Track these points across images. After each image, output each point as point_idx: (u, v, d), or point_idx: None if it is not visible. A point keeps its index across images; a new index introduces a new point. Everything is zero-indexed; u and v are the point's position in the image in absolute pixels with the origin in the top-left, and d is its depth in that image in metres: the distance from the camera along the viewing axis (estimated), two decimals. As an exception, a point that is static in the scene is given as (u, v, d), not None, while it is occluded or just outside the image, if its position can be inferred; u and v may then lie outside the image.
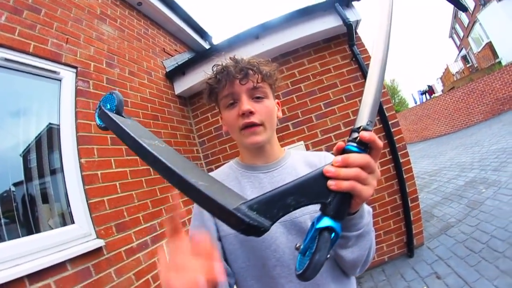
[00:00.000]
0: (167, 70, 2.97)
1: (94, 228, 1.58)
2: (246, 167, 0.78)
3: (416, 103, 20.17)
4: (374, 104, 0.44)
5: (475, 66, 16.09)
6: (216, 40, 4.55)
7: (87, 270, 1.44)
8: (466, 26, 17.24)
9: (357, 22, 2.72)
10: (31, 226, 1.43)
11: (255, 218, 0.39)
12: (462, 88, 11.04)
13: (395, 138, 2.67)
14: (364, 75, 2.68)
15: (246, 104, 0.67)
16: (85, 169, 1.64)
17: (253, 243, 0.66)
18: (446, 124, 11.71)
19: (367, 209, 0.58)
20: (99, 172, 1.72)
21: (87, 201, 1.60)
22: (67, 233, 1.45)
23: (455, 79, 15.80)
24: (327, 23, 2.69)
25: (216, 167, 2.99)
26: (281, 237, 0.66)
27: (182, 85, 3.00)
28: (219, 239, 0.70)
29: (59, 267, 1.31)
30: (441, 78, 19.19)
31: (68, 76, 1.77)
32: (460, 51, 20.52)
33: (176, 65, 3.03)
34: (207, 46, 4.25)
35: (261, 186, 0.73)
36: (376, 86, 0.46)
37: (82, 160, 1.64)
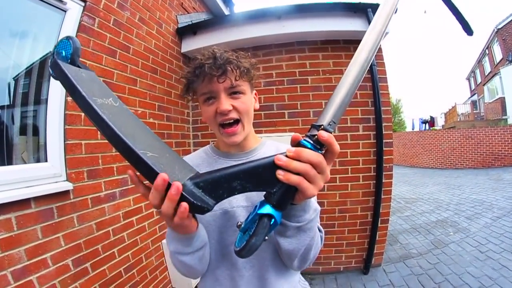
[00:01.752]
0: (179, 26, 2.88)
1: (66, 170, 1.57)
2: (220, 154, 0.84)
3: (413, 128, 20.59)
4: (342, 106, 0.45)
5: (482, 114, 16.57)
6: (238, 9, 4.42)
7: (50, 211, 1.45)
8: (486, 74, 17.76)
9: (385, 33, 2.71)
10: (4, 156, 1.41)
11: (200, 197, 0.41)
12: (462, 130, 11.32)
13: (384, 157, 2.72)
14: (374, 87, 2.69)
15: (225, 103, 0.70)
16: (69, 107, 1.60)
17: (221, 222, 0.74)
18: (436, 159, 12.05)
19: (313, 206, 0.61)
20: (83, 114, 1.67)
21: (64, 141, 1.58)
22: (38, 170, 1.44)
23: (458, 119, 16.17)
24: (354, 25, 2.64)
25: (203, 135, 3.07)
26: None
27: (191, 45, 2.92)
28: None
29: (23, 203, 1.31)
30: (445, 114, 19.56)
31: (74, 8, 1.68)
32: (472, 96, 21.25)
33: (190, 23, 2.94)
34: (227, 13, 4.12)
35: None
36: (350, 88, 0.45)
37: (69, 99, 1.60)
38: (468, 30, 0.68)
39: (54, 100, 1.55)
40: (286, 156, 0.42)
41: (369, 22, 2.57)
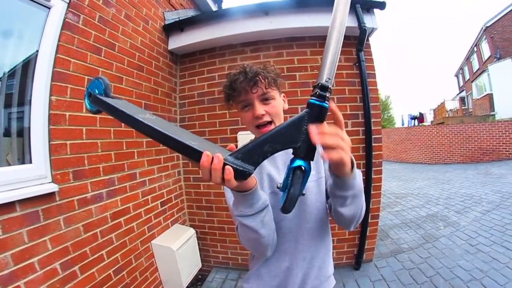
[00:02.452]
0: (166, 22, 2.87)
1: (51, 172, 1.55)
2: None
3: (403, 125, 21.03)
4: (332, 64, 0.56)
5: (470, 110, 17.12)
6: (226, 5, 4.42)
7: (36, 214, 1.43)
8: (474, 71, 18.37)
9: (372, 29, 2.73)
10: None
11: (241, 164, 0.51)
12: (451, 126, 11.61)
13: (374, 153, 2.77)
14: (363, 83, 2.73)
15: (259, 109, 0.85)
16: (53, 107, 1.59)
17: (270, 202, 0.82)
18: (426, 154, 12.34)
19: (358, 171, 0.71)
20: (67, 114, 1.67)
21: (49, 141, 1.56)
22: (23, 172, 1.42)
23: (447, 115, 16.63)
24: (342, 21, 2.68)
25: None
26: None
27: (178, 42, 2.92)
28: None
29: (8, 207, 1.30)
30: (434, 110, 20.01)
31: (59, 5, 1.66)
32: (460, 92, 22.00)
33: (178, 19, 2.93)
34: (215, 9, 4.12)
35: (276, 165, 0.96)
36: (335, 48, 0.56)
37: (53, 98, 1.58)
38: None
39: (38, 100, 1.53)
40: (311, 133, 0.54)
41: (358, 18, 2.63)
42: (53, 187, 1.51)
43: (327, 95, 0.54)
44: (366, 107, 2.73)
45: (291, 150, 0.56)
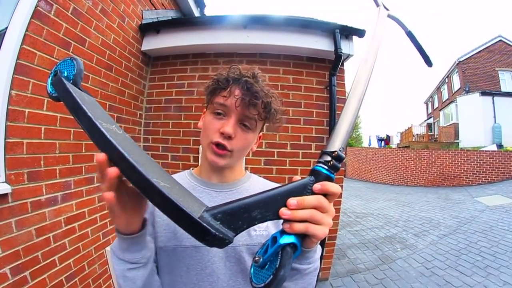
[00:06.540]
0: (144, 22, 2.90)
1: (5, 171, 1.53)
2: (199, 182, 0.81)
3: (370, 145, 22.43)
4: (347, 133, 0.52)
5: (436, 136, 18.74)
6: (208, 12, 4.51)
7: (-15, 216, 1.41)
8: (443, 100, 20.49)
9: (348, 56, 2.96)
10: None
11: (220, 229, 0.40)
12: (416, 150, 12.71)
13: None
14: (331, 107, 2.91)
15: (231, 127, 0.69)
16: (13, 102, 1.57)
17: (190, 261, 0.70)
18: (389, 175, 13.35)
19: (318, 246, 0.61)
20: (27, 110, 1.66)
21: (4, 139, 1.54)
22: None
23: (413, 140, 17.98)
24: (319, 44, 2.87)
25: (153, 139, 3.11)
26: (219, 261, 0.71)
27: (152, 43, 2.96)
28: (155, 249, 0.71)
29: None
30: (401, 133, 21.47)
31: (31, -9, 1.63)
32: (428, 118, 24.33)
33: (156, 20, 2.98)
34: (197, 14, 4.20)
35: (211, 205, 0.74)
36: (352, 117, 0.54)
37: (13, 92, 1.57)
38: (428, 62, 0.84)
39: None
40: (289, 208, 0.44)
41: (335, 42, 2.85)
42: (6, 188, 1.50)
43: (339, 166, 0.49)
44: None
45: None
